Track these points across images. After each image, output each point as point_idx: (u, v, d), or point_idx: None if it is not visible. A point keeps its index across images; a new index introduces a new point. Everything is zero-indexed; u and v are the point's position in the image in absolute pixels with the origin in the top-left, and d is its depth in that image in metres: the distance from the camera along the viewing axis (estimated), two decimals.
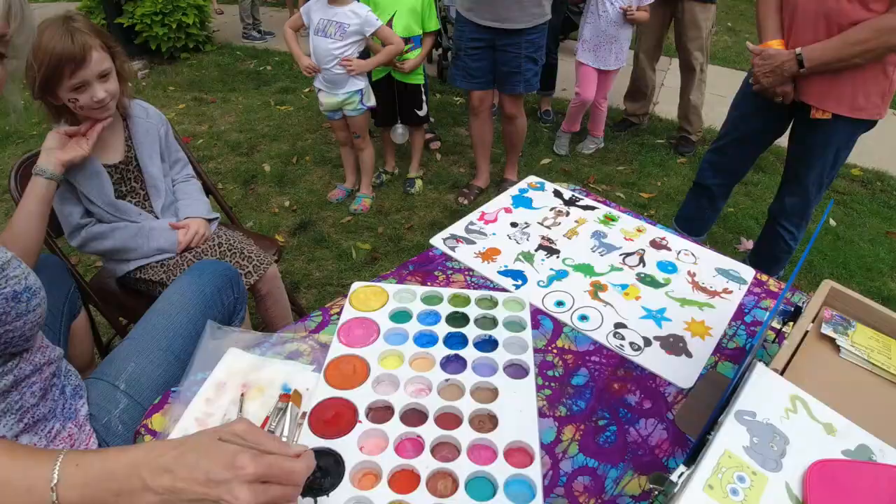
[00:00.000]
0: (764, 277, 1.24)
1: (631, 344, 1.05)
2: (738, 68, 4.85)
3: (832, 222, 2.92)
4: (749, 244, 2.77)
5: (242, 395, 0.89)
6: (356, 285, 1.13)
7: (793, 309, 1.12)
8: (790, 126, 1.94)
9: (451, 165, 3.45)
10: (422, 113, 2.97)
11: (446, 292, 1.12)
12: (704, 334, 1.07)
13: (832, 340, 0.89)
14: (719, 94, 3.84)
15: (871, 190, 3.21)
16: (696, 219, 2.34)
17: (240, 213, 2.87)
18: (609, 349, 1.04)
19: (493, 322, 1.07)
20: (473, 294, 1.12)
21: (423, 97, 2.92)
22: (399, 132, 2.99)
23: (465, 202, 3.02)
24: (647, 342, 1.06)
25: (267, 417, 0.84)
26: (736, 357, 1.04)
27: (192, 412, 0.87)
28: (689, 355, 1.03)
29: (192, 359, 0.96)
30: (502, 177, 3.17)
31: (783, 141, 2.02)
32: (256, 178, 3.21)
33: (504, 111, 2.82)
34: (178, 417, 0.86)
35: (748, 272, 1.24)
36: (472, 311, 1.08)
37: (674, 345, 1.05)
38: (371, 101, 2.70)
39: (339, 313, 1.07)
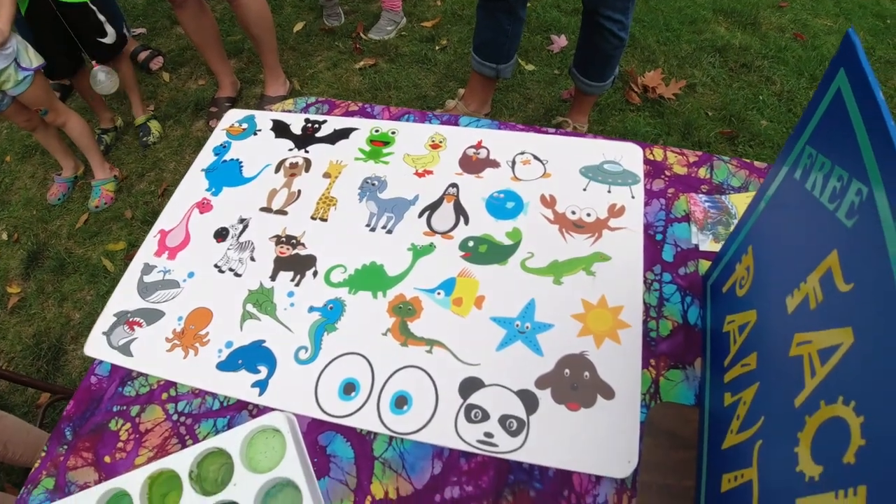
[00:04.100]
0: (657, 154, 0.72)
1: (505, 422, 0.53)
2: None
3: None
4: (562, 40, 2.30)
5: None
6: None
7: (720, 206, 0.65)
8: None
9: (185, 82, 2.52)
10: (109, 39, 2.01)
11: (138, 478, 0.51)
12: (615, 328, 0.57)
13: None
14: None
15: None
16: (497, 42, 1.76)
17: None
18: (472, 453, 0.52)
19: None
20: (185, 459, 0.52)
21: (101, 17, 1.95)
22: (100, 78, 1.99)
23: None
24: (530, 402, 0.53)
25: None
26: (681, 350, 0.56)
27: None
28: (609, 394, 0.53)
29: None
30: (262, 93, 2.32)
31: None
32: None
33: None
34: None
35: (632, 153, 0.71)
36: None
37: (574, 381, 0.54)
38: (37, 61, 1.78)
39: None
